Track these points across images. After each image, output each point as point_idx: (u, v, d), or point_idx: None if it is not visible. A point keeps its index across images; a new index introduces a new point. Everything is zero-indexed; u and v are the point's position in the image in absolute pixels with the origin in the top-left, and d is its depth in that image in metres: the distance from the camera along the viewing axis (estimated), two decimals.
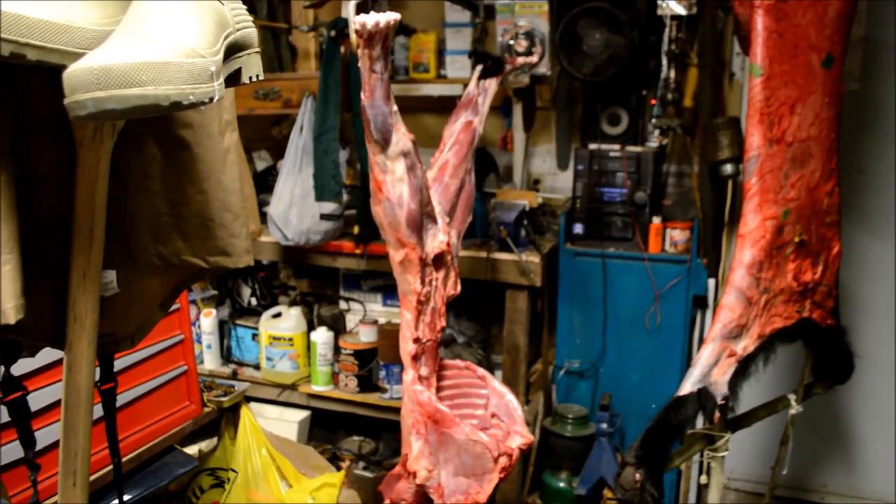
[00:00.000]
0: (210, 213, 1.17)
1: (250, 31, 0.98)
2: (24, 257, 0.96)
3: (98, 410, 1.22)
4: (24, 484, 1.59)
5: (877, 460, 3.19)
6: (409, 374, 1.95)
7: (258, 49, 1.01)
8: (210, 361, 3.26)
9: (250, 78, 0.98)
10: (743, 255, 1.99)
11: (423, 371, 1.99)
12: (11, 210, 0.91)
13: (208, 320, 3.23)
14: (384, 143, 1.68)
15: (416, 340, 1.93)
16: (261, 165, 3.49)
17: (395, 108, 1.67)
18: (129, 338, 1.19)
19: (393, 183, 1.73)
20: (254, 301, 3.37)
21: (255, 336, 3.23)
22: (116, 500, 1.79)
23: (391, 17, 1.48)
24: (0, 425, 1.40)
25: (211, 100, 0.78)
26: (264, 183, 3.35)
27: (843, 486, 3.23)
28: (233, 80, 0.96)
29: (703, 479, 2.87)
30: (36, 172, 0.99)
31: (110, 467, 1.76)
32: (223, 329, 3.30)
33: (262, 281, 3.38)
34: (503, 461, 1.87)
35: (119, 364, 1.95)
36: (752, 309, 2.00)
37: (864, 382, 2.91)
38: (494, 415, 2.11)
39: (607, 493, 2.80)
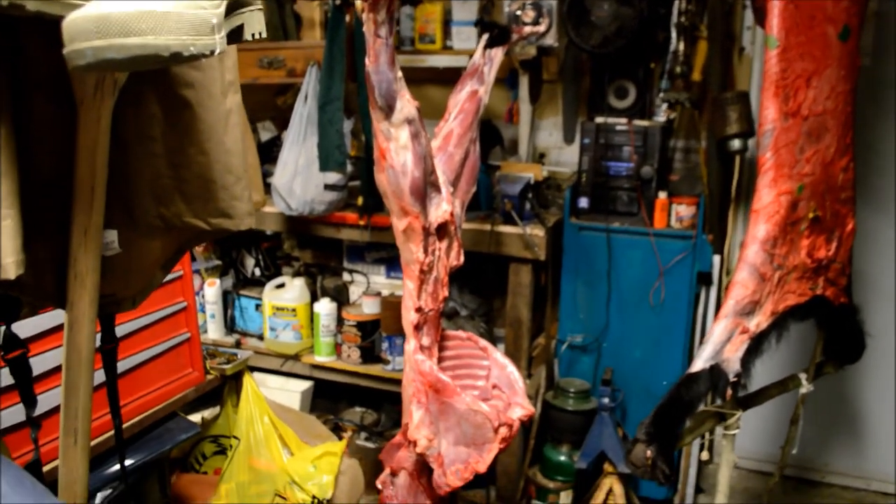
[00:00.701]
0: (212, 174, 1.16)
1: None
2: (25, 215, 0.95)
3: (100, 377, 1.22)
4: (26, 446, 1.60)
5: (883, 441, 3.19)
6: (410, 344, 1.94)
7: (261, 6, 0.99)
8: (214, 331, 3.27)
9: (252, 35, 0.97)
10: (757, 230, 1.97)
11: (425, 341, 1.98)
12: (12, 166, 0.90)
13: (212, 290, 3.24)
14: (388, 110, 1.66)
15: (419, 310, 1.93)
16: (265, 136, 3.47)
17: (400, 73, 1.65)
18: (131, 299, 1.19)
19: (397, 150, 1.72)
20: (257, 272, 3.37)
21: (258, 306, 3.23)
22: (118, 464, 1.82)
23: None
24: (1, 388, 1.42)
25: (212, 52, 0.77)
26: (269, 153, 3.34)
27: (848, 466, 3.24)
28: (235, 36, 0.94)
29: (705, 455, 2.89)
30: (35, 131, 0.99)
31: (112, 432, 1.78)
32: (227, 299, 3.31)
33: (266, 251, 3.38)
34: (503, 431, 1.87)
35: (122, 330, 1.96)
36: (766, 285, 1.99)
37: (872, 362, 2.91)
38: (496, 386, 2.11)
39: (607, 466, 2.81)
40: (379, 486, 2.10)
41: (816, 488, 3.25)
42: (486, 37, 2.21)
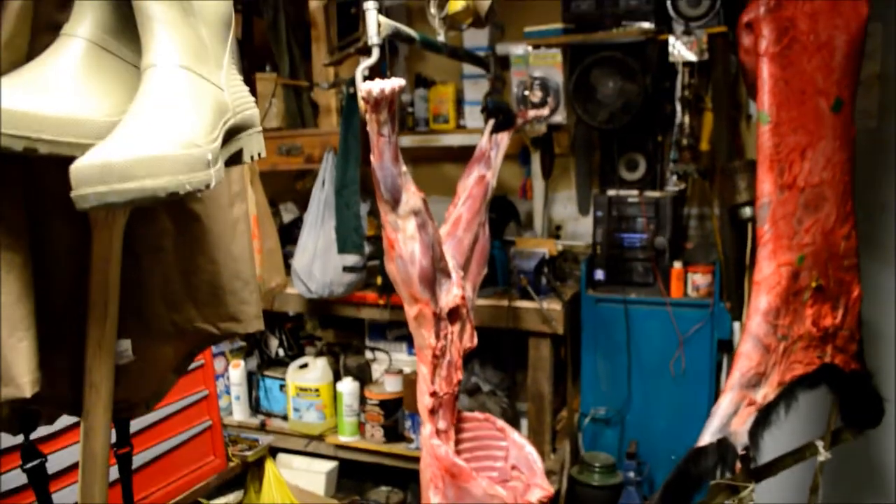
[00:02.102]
0: (221, 281, 1.21)
1: (251, 113, 1.04)
2: (45, 330, 1.01)
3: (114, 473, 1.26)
4: None
5: None
6: (426, 428, 1.96)
7: (260, 129, 1.06)
8: (239, 412, 3.31)
9: (252, 157, 1.03)
10: (759, 301, 1.99)
11: (441, 424, 2.00)
12: (29, 290, 0.96)
13: (237, 371, 3.29)
14: (394, 203, 1.72)
15: (433, 394, 1.95)
16: (287, 217, 3.57)
17: (405, 168, 1.72)
18: (144, 403, 1.23)
19: (404, 241, 1.77)
20: (281, 352, 3.43)
21: (282, 387, 3.27)
22: None
23: (395, 83, 1.54)
24: (18, 487, 1.46)
25: (207, 186, 0.83)
26: (290, 234, 3.43)
27: None
28: (235, 159, 1.01)
29: None
30: (53, 252, 1.05)
31: None
32: (251, 380, 3.36)
33: (289, 332, 3.43)
34: None
35: (145, 420, 2.01)
36: (771, 356, 1.99)
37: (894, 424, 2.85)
38: (514, 467, 2.11)
39: None
40: None
41: None
42: (491, 122, 2.29)
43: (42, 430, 1.25)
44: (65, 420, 1.55)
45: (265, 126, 3.24)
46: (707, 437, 1.89)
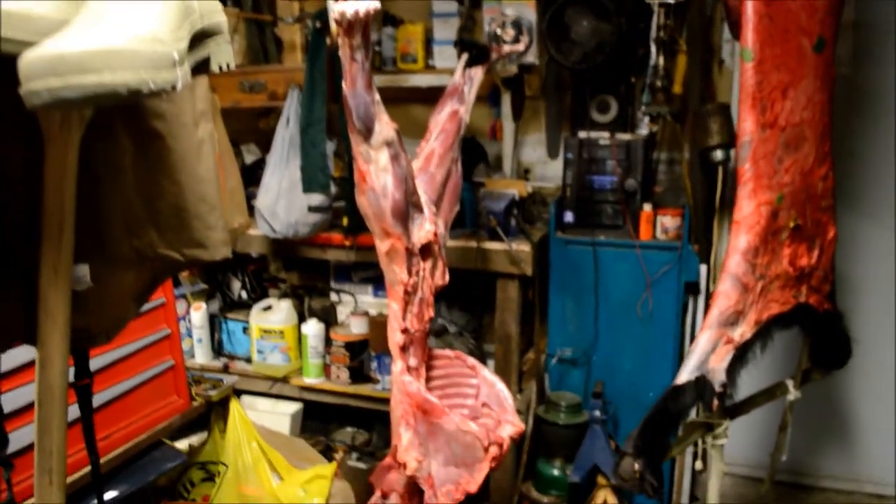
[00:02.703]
0: (185, 204, 1.15)
1: (219, 20, 0.96)
2: None
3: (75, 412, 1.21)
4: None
5: (875, 443, 3.19)
6: (397, 365, 1.93)
7: (228, 37, 0.99)
8: (201, 355, 3.25)
9: (220, 67, 0.96)
10: (738, 241, 1.98)
11: (412, 362, 1.97)
12: None
13: (198, 314, 3.21)
14: (367, 133, 1.66)
15: (405, 331, 1.92)
16: (249, 158, 3.47)
17: (378, 97, 1.65)
18: (104, 333, 1.17)
19: (377, 173, 1.72)
20: (244, 294, 3.36)
21: (245, 329, 3.21)
22: (114, 492, 1.80)
23: (370, 5, 1.46)
24: None
25: (174, 87, 0.76)
26: (253, 175, 3.33)
27: (840, 469, 3.23)
28: (202, 68, 0.94)
29: (699, 465, 2.88)
30: (3, 171, 0.97)
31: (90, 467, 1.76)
32: (214, 323, 3.29)
33: (252, 274, 3.36)
34: (493, 451, 1.85)
35: (105, 359, 1.95)
36: (749, 295, 1.99)
37: (861, 367, 2.91)
38: (485, 404, 2.10)
39: (601, 479, 2.80)
40: None
41: (809, 493, 3.24)
42: (465, 57, 2.22)
43: None
44: (22, 356, 1.49)
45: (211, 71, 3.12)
46: (685, 375, 1.89)
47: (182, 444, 2.37)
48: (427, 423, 1.86)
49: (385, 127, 1.68)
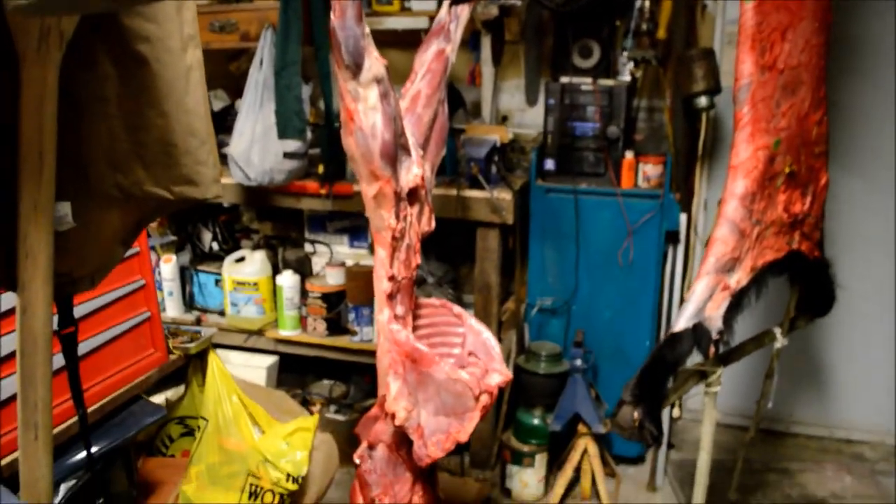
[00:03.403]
0: (173, 138, 1.06)
1: None
2: None
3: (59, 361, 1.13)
4: None
5: (845, 390, 3.25)
6: (384, 314, 1.88)
7: None
8: (172, 309, 3.16)
9: None
10: (735, 186, 1.94)
11: (399, 310, 1.92)
12: None
13: (168, 266, 3.11)
14: (356, 69, 1.57)
15: (392, 278, 1.86)
16: (217, 105, 3.33)
17: (368, 30, 1.56)
18: (89, 277, 1.09)
19: (365, 111, 1.63)
20: (215, 246, 3.26)
21: (218, 281, 3.13)
22: (83, 453, 1.72)
23: None
24: None
25: None
26: (222, 123, 3.19)
27: (812, 415, 3.30)
28: None
29: (676, 412, 2.90)
30: None
31: (75, 419, 1.68)
32: (184, 275, 3.19)
33: (224, 225, 3.26)
34: (484, 399, 1.82)
35: (78, 311, 1.84)
36: (745, 241, 1.96)
37: (835, 316, 2.95)
38: (472, 353, 2.06)
39: (581, 427, 2.81)
40: (356, 461, 2.04)
41: (782, 439, 3.30)
42: None
43: None
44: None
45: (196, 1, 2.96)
46: (683, 323, 1.87)
47: (159, 399, 2.30)
48: (416, 372, 1.81)
49: (375, 63, 1.59)
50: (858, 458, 3.21)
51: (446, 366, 1.80)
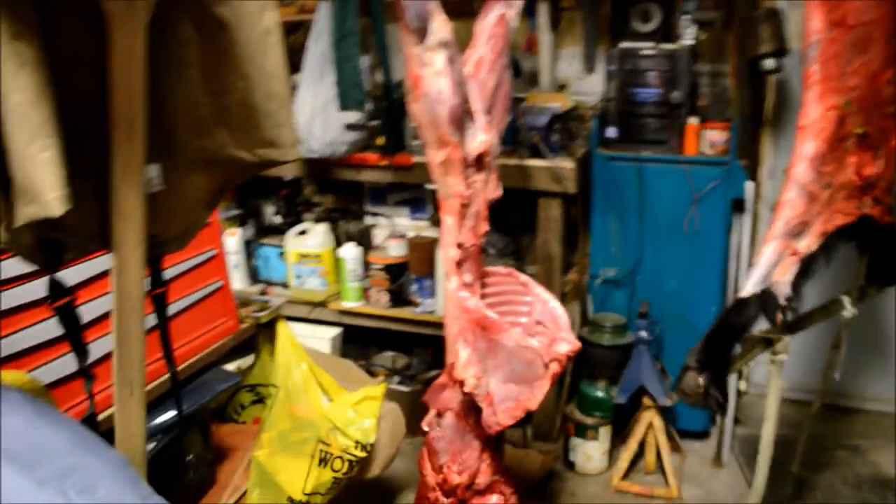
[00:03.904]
0: (254, 101, 1.07)
1: None
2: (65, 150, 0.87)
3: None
4: (77, 397, 1.55)
5: None
6: (452, 281, 1.88)
7: None
8: (238, 281, 3.21)
9: None
10: (804, 147, 1.89)
11: (468, 278, 1.92)
12: (45, 90, 0.82)
13: (233, 240, 3.17)
14: (422, 33, 1.57)
15: (460, 246, 1.86)
16: None
17: None
18: (176, 240, 1.12)
19: (432, 77, 1.63)
20: (277, 219, 3.30)
21: (281, 254, 3.17)
22: (165, 416, 1.78)
23: None
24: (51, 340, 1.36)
25: None
26: None
27: (883, 391, 3.20)
28: None
29: (743, 385, 2.84)
30: (66, 54, 0.90)
31: (157, 382, 1.74)
32: (248, 249, 3.25)
33: (286, 199, 3.30)
34: (554, 367, 1.81)
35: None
36: (815, 205, 1.91)
37: None
38: (539, 322, 2.05)
39: (646, 400, 2.78)
40: (425, 428, 2.06)
41: (853, 415, 3.21)
42: None
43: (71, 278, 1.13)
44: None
45: None
46: (750, 288, 1.83)
47: (230, 367, 2.35)
48: (486, 339, 1.81)
49: (442, 26, 1.58)
50: None
51: (516, 333, 1.80)
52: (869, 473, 2.86)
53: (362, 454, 2.22)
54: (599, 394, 2.85)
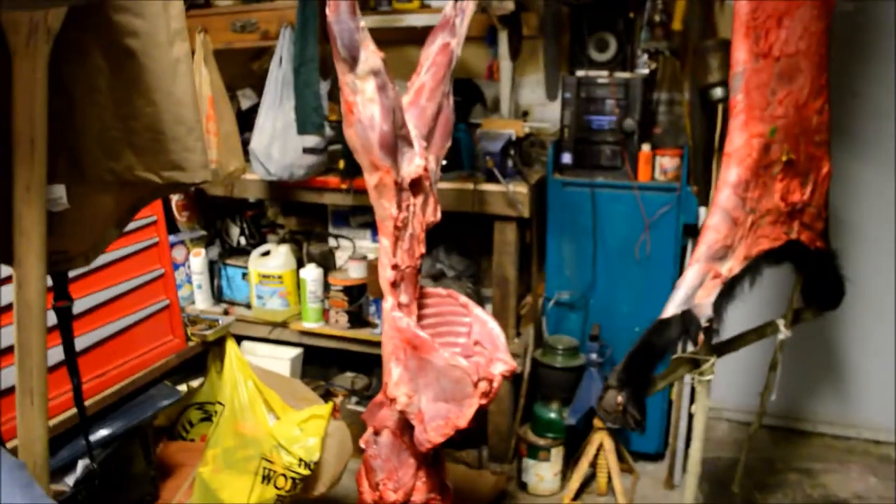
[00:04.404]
0: (161, 126, 1.13)
1: None
2: None
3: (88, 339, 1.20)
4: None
5: (871, 388, 3.18)
6: (388, 302, 1.93)
7: None
8: (202, 301, 3.25)
9: None
10: (728, 174, 1.95)
11: (403, 298, 1.97)
12: None
13: (198, 260, 3.21)
14: (352, 62, 1.63)
15: (395, 267, 1.91)
16: (246, 103, 3.43)
17: (363, 23, 1.62)
18: (83, 255, 1.17)
19: (363, 103, 1.69)
20: (243, 240, 3.35)
21: (245, 275, 3.22)
22: (100, 432, 1.82)
23: None
24: None
25: None
26: (249, 120, 3.30)
27: (837, 414, 3.24)
28: None
29: (694, 408, 2.89)
30: None
31: (92, 401, 1.78)
32: (213, 269, 3.29)
33: (251, 220, 3.35)
34: (483, 386, 1.86)
35: (100, 297, 1.96)
36: (738, 230, 1.97)
37: (856, 310, 2.90)
38: (477, 342, 2.10)
39: (597, 422, 2.82)
40: (362, 446, 2.10)
41: (807, 438, 3.25)
42: None
43: None
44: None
45: (217, 3, 3.06)
46: (671, 309, 1.88)
47: (182, 387, 2.39)
48: (417, 358, 1.86)
49: (371, 55, 1.65)
50: (885, 460, 3.14)
51: (445, 352, 1.85)
52: (820, 496, 2.90)
53: (306, 472, 2.26)
54: (552, 415, 2.89)
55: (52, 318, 1.18)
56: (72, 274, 1.68)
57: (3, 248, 1.03)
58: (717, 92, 2.70)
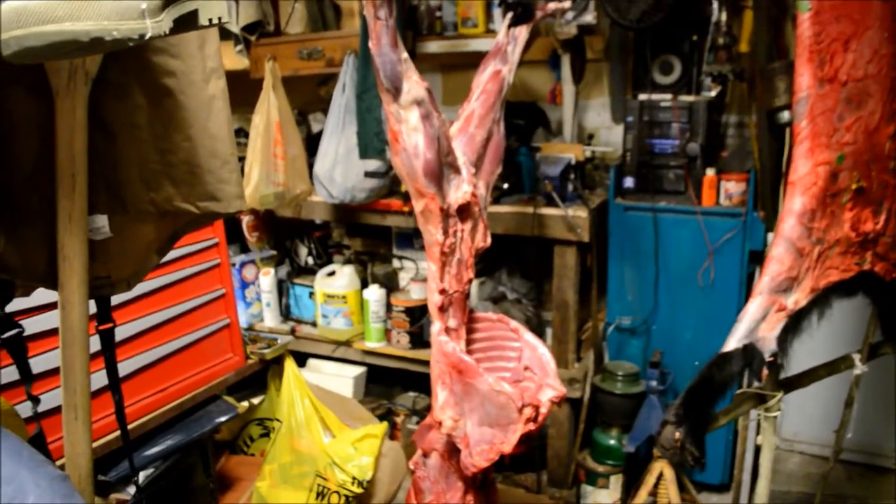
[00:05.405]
0: (197, 159, 1.20)
1: None
2: (12, 202, 1.01)
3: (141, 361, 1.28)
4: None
5: None
6: (435, 326, 1.95)
7: None
8: (270, 319, 3.37)
9: (210, 21, 0.99)
10: (793, 203, 1.88)
11: (451, 323, 1.99)
12: None
13: (267, 279, 3.33)
14: (395, 92, 1.67)
15: (443, 292, 1.94)
16: (316, 127, 3.54)
17: (405, 55, 1.66)
18: (125, 281, 1.24)
19: (408, 132, 1.73)
20: (310, 260, 3.45)
21: (311, 294, 3.31)
22: (162, 445, 1.91)
23: None
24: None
25: (142, 37, 0.80)
26: (319, 144, 3.41)
27: None
28: (189, 22, 0.97)
29: (760, 440, 2.79)
30: (16, 122, 1.04)
31: (151, 416, 1.88)
32: (282, 288, 3.40)
33: (318, 241, 3.45)
34: (528, 412, 1.85)
35: (163, 316, 2.06)
36: (804, 261, 1.90)
37: None
38: (527, 367, 2.09)
39: (657, 450, 2.75)
40: (411, 467, 2.12)
41: (885, 475, 3.08)
42: (510, 15, 2.20)
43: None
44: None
45: (288, 31, 3.18)
46: (733, 343, 1.82)
47: (244, 403, 2.48)
48: (462, 382, 1.87)
49: (414, 86, 1.69)
50: None
51: (490, 378, 1.85)
52: None
53: (359, 490, 2.30)
54: (611, 442, 2.85)
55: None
56: (136, 293, 1.81)
57: (49, 273, 1.11)
58: (785, 115, 2.62)
